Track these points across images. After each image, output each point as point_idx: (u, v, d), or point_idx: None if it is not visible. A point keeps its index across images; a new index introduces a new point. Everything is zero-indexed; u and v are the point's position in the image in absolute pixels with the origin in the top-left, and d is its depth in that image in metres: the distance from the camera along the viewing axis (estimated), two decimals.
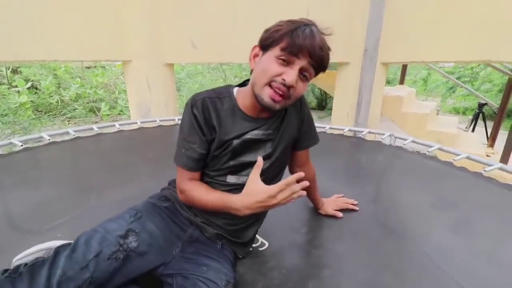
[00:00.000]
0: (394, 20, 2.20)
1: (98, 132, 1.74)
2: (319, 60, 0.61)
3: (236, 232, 0.75)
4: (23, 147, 1.43)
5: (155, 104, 2.63)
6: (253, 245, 0.85)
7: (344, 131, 1.88)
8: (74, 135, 1.63)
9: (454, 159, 1.35)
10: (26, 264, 0.57)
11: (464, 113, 6.79)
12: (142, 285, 0.66)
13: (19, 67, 5.46)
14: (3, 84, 5.10)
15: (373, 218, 0.99)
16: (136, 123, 1.96)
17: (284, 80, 0.60)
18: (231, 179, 0.71)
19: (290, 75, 0.59)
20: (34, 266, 0.56)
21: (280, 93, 0.61)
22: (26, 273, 0.54)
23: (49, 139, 1.54)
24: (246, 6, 2.40)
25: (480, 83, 7.18)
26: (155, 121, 2.02)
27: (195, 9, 2.44)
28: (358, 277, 0.72)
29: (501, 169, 1.25)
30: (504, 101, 2.71)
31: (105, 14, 2.31)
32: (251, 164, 0.69)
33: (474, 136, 2.85)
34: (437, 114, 3.17)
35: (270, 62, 0.61)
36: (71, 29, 2.20)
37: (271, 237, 0.87)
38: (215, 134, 0.68)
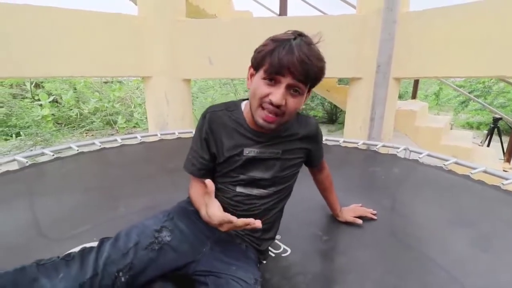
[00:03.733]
0: (406, 36, 2.26)
1: (122, 143, 1.83)
2: (304, 74, 0.60)
3: (256, 240, 0.80)
4: (54, 156, 1.52)
5: (172, 117, 2.74)
6: (276, 252, 0.88)
7: (358, 144, 1.92)
8: (100, 145, 1.72)
9: (471, 173, 1.36)
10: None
11: (478, 128, 6.69)
12: (174, 284, 0.70)
13: (42, 82, 5.76)
14: (27, 98, 5.37)
15: (392, 229, 1.01)
16: (157, 135, 2.05)
17: (271, 100, 0.61)
18: (240, 189, 0.75)
19: (276, 94, 0.60)
20: (84, 252, 0.65)
21: (271, 113, 0.62)
22: (77, 256, 0.63)
23: (78, 150, 1.63)
24: (260, 27, 2.52)
25: (494, 98, 7.10)
26: (174, 133, 2.10)
27: (211, 28, 2.58)
28: (383, 282, 0.74)
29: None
30: None
31: (128, 34, 2.47)
32: (261, 180, 0.73)
33: (490, 151, 2.82)
34: (451, 129, 3.15)
35: (258, 84, 0.63)
36: (96, 48, 2.36)
37: (294, 244, 0.90)
38: (220, 146, 0.71)
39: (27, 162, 1.44)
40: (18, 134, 4.75)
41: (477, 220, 1.04)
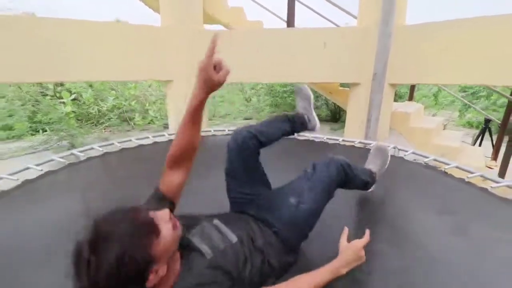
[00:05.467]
0: (401, 47, 2.54)
1: (154, 141, 2.17)
2: None
3: None
4: (104, 152, 1.86)
5: None
6: None
7: (355, 143, 2.22)
8: (137, 143, 2.06)
9: (444, 168, 1.66)
10: None
11: (477, 127, 6.90)
12: None
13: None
14: (48, 95, 5.74)
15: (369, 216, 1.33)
16: None
17: None
18: None
19: None
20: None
21: None
22: None
23: (120, 146, 1.97)
24: (269, 37, 2.82)
25: (497, 98, 7.28)
26: None
27: (227, 38, 2.88)
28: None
29: (482, 176, 1.55)
30: (506, 118, 2.96)
31: (153, 43, 2.79)
32: None
33: (478, 150, 3.09)
34: (444, 129, 3.43)
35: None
36: (126, 55, 2.69)
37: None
38: None
39: (83, 155, 1.78)
40: (44, 130, 5.14)
41: (437, 205, 1.35)
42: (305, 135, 2.38)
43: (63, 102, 5.41)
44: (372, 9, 2.63)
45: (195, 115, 0.83)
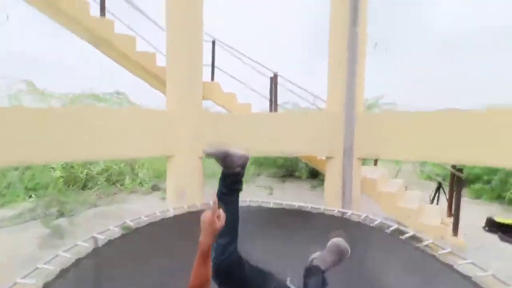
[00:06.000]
0: (364, 130, 3.20)
1: (174, 214, 2.46)
2: None
3: None
4: (135, 227, 2.13)
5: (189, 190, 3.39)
6: None
7: (334, 212, 2.66)
8: (146, 221, 2.35)
9: (403, 236, 2.12)
10: None
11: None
12: None
13: None
14: None
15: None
16: (183, 207, 2.69)
17: None
18: None
19: None
20: None
21: None
22: None
23: (133, 225, 2.25)
24: (256, 120, 3.42)
25: None
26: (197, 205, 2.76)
27: (222, 119, 3.44)
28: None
29: (433, 243, 2.02)
30: (451, 183, 3.61)
31: (160, 124, 3.25)
32: None
33: (435, 208, 3.67)
34: (406, 189, 4.03)
35: None
36: (137, 135, 3.10)
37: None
38: None
39: (105, 238, 2.04)
40: (29, 196, 5.13)
41: (395, 267, 1.76)
42: (292, 204, 2.79)
43: (53, 168, 5.53)
44: (336, 97, 3.35)
45: (205, 257, 1.03)
